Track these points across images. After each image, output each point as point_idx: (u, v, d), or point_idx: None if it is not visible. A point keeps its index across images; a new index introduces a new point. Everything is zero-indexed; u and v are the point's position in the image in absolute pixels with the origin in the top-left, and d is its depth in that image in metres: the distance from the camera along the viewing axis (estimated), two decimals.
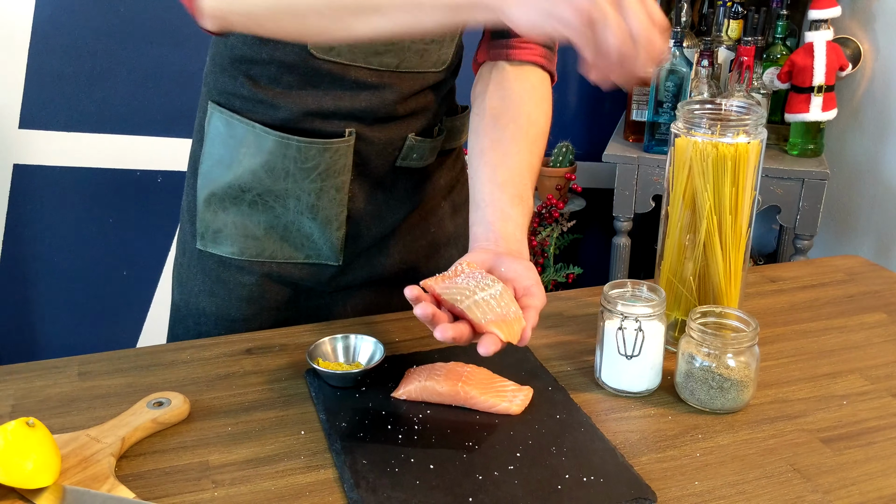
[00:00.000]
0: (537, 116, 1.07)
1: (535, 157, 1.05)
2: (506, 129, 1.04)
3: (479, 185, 1.01)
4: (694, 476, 0.79)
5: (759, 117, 0.95)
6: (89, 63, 2.33)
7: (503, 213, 0.97)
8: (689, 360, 0.90)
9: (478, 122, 1.07)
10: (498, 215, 0.97)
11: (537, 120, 1.07)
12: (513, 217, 0.97)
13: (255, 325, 1.14)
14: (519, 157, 1.02)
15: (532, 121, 1.06)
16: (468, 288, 0.84)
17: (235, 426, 0.86)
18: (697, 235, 0.97)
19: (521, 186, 1.00)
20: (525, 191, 1.01)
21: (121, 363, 0.99)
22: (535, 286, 0.88)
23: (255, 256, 1.12)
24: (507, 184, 1.00)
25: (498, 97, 1.07)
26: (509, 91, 1.07)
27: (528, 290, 0.87)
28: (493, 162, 1.02)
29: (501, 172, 1.00)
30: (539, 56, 1.09)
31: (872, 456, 0.82)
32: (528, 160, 1.03)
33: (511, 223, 0.97)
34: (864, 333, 1.08)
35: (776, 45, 2.37)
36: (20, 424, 0.73)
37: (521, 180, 1.01)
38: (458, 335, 0.80)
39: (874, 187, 2.41)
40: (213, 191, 1.11)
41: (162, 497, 0.76)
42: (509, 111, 1.05)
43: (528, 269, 0.89)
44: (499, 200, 0.98)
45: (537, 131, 1.06)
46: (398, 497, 0.74)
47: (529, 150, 1.04)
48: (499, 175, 1.00)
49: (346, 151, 1.07)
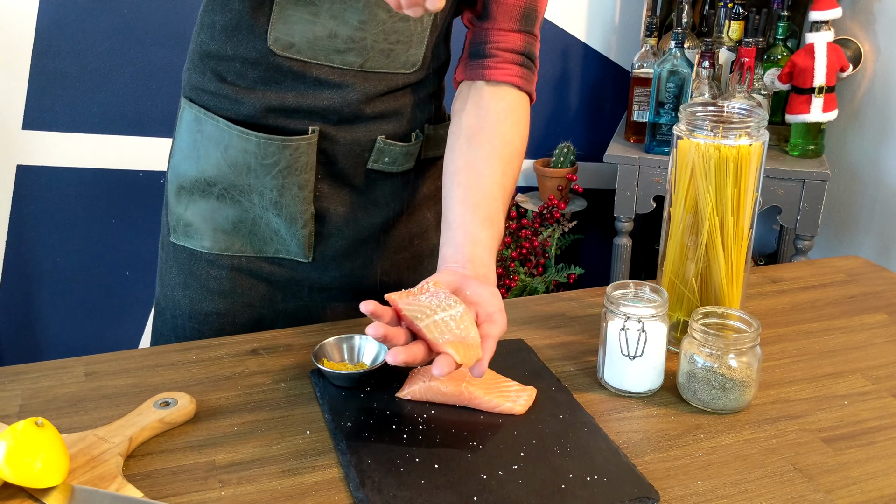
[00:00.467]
0: (512, 137, 1.07)
1: (509, 178, 1.05)
2: (480, 148, 1.04)
3: (452, 205, 1.02)
4: (696, 475, 0.80)
5: (760, 119, 0.96)
6: (93, 64, 2.33)
7: (473, 236, 0.98)
8: (691, 360, 0.90)
9: (453, 140, 1.07)
10: (468, 238, 0.98)
11: (512, 140, 1.07)
12: (482, 241, 0.98)
13: (228, 321, 1.15)
14: (492, 179, 1.03)
15: (507, 141, 1.06)
16: (430, 307, 0.85)
17: (241, 426, 0.87)
18: (699, 237, 0.97)
19: (492, 209, 1.01)
20: (496, 214, 1.01)
21: (127, 363, 0.99)
22: (498, 313, 0.88)
23: (224, 250, 1.13)
24: (478, 206, 1.00)
25: (474, 115, 1.07)
26: (486, 111, 1.07)
27: (490, 316, 0.88)
28: (465, 183, 1.02)
29: (473, 194, 1.01)
30: (515, 76, 1.09)
31: (874, 455, 0.83)
32: (501, 182, 1.03)
33: (480, 247, 0.97)
34: (865, 334, 1.09)
35: (777, 47, 2.38)
36: (29, 424, 0.74)
37: (493, 203, 1.01)
38: (412, 358, 0.81)
39: (875, 188, 2.42)
40: (182, 184, 1.12)
41: (169, 496, 0.76)
42: (484, 131, 1.05)
43: (493, 296, 0.90)
44: (469, 223, 0.99)
45: (512, 151, 1.06)
46: (403, 496, 0.75)
47: (503, 171, 1.04)
48: (470, 197, 1.01)
49: (307, 149, 1.07)
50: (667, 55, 2.26)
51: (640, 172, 2.33)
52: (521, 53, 1.10)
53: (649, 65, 2.39)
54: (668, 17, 2.58)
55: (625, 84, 2.76)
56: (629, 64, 2.69)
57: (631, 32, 2.75)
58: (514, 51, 1.09)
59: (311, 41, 1.02)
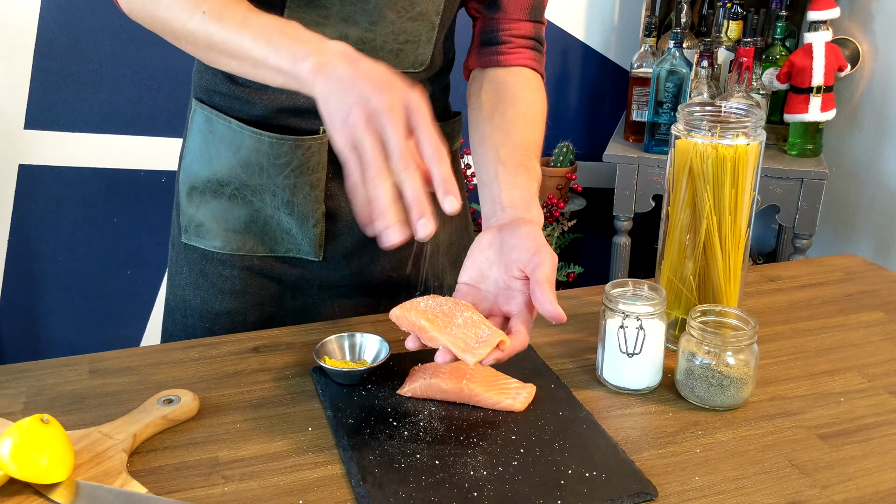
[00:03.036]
0: (534, 101, 1.09)
1: (537, 134, 1.06)
2: (504, 114, 1.06)
3: (483, 167, 1.03)
4: (694, 472, 0.80)
5: (758, 119, 0.97)
6: (94, 64, 2.34)
7: (508, 182, 0.99)
8: (689, 357, 0.91)
9: (476, 115, 1.09)
10: (504, 186, 0.99)
11: (534, 104, 1.09)
12: (518, 184, 0.99)
13: (239, 320, 1.16)
14: (520, 135, 1.04)
15: (529, 104, 1.08)
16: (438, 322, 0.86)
17: (244, 423, 0.88)
18: (697, 236, 0.98)
19: (524, 158, 1.02)
20: (529, 161, 1.02)
21: (130, 361, 1.00)
22: (536, 255, 0.88)
23: (236, 250, 1.14)
24: (509, 158, 1.01)
25: (492, 91, 1.09)
26: (503, 84, 1.10)
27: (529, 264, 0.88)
28: (495, 144, 1.03)
29: (503, 151, 1.02)
30: (529, 59, 1.12)
31: (869, 452, 0.84)
32: (530, 136, 1.05)
33: (517, 190, 0.98)
34: (862, 332, 1.09)
35: (775, 46, 2.39)
36: (35, 421, 0.75)
37: (524, 153, 1.02)
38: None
39: (873, 187, 2.43)
40: (194, 185, 1.13)
41: (173, 492, 0.77)
42: (505, 100, 1.08)
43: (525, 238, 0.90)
44: (502, 174, 1.00)
45: (535, 113, 1.08)
46: (405, 492, 0.76)
47: (530, 128, 1.05)
48: (501, 154, 1.02)
49: (319, 149, 1.08)
50: (665, 55, 2.26)
51: (639, 172, 2.34)
52: (532, 38, 1.13)
53: (648, 64, 2.40)
54: (667, 16, 2.59)
55: (624, 83, 2.77)
56: (628, 63, 2.69)
57: (630, 32, 2.76)
58: (525, 37, 1.12)
59: None
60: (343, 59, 0.79)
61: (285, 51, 0.81)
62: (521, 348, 0.86)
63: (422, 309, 0.87)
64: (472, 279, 0.95)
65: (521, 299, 0.90)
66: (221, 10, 0.87)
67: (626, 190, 2.37)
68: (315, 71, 0.79)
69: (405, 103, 0.75)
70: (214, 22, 0.86)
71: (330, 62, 0.79)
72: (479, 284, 0.94)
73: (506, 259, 0.91)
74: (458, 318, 0.86)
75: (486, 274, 0.94)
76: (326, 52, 0.80)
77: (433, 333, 0.83)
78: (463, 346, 0.82)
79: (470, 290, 0.94)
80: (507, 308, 0.91)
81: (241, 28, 0.85)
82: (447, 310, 0.87)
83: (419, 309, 0.87)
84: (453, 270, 1.25)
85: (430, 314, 0.85)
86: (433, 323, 0.84)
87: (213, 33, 0.87)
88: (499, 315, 0.92)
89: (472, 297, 0.93)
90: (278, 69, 0.82)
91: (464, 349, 0.82)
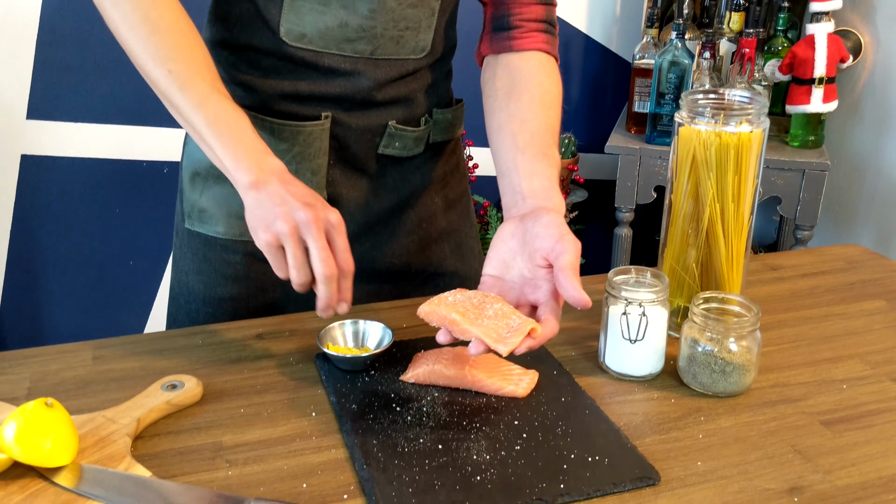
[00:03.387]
0: (549, 86, 1.09)
1: (553, 119, 1.06)
2: (519, 100, 1.06)
3: (501, 155, 1.03)
4: (697, 457, 0.81)
5: (761, 107, 0.97)
6: (97, 54, 2.34)
7: (527, 171, 0.99)
8: (691, 344, 0.91)
9: (491, 102, 1.09)
10: (523, 175, 0.99)
11: (550, 89, 1.08)
12: (538, 172, 0.99)
13: (242, 305, 1.16)
14: (537, 122, 1.04)
15: (545, 89, 1.08)
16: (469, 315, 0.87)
17: (248, 408, 0.88)
18: (700, 223, 0.98)
19: (542, 145, 1.02)
20: (547, 148, 1.02)
21: (134, 347, 1.00)
22: (559, 243, 0.89)
23: (239, 236, 1.14)
24: (527, 146, 1.01)
25: (506, 77, 1.09)
26: (517, 69, 1.09)
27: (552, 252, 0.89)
28: (512, 131, 1.03)
29: (521, 139, 1.02)
30: (542, 43, 1.11)
31: (872, 438, 0.84)
32: (547, 122, 1.05)
33: (537, 178, 0.99)
34: (864, 320, 1.10)
35: (777, 38, 2.38)
36: (39, 405, 0.75)
37: (542, 139, 1.02)
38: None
39: (874, 179, 2.43)
40: (197, 170, 1.13)
41: (177, 475, 0.77)
42: (520, 85, 1.07)
43: (548, 226, 0.91)
44: (521, 163, 1.00)
45: (551, 98, 1.08)
46: (408, 475, 0.76)
47: (546, 113, 1.05)
48: (519, 141, 1.02)
49: (320, 135, 1.08)
50: (668, 46, 2.26)
51: (641, 163, 2.34)
52: (544, 21, 1.12)
53: (650, 56, 2.40)
54: (669, 7, 2.59)
55: (626, 75, 2.77)
56: (630, 55, 2.69)
57: (632, 23, 2.76)
58: (537, 20, 1.12)
59: (323, 31, 1.03)
60: (278, 178, 0.90)
61: (231, 151, 0.91)
62: (552, 335, 0.87)
63: (451, 303, 0.87)
64: (497, 270, 0.95)
65: (547, 288, 0.90)
66: (187, 79, 0.94)
67: (627, 181, 2.37)
68: (250, 186, 0.90)
69: (327, 219, 0.88)
70: (176, 86, 0.93)
71: (265, 180, 0.90)
72: (503, 275, 0.95)
73: (529, 248, 0.92)
74: (488, 309, 0.86)
75: (510, 264, 0.94)
76: (266, 169, 0.91)
77: (465, 326, 0.84)
78: (495, 336, 0.83)
79: (495, 281, 0.95)
80: (534, 297, 0.92)
81: (199, 107, 0.93)
82: (477, 302, 0.88)
83: (449, 303, 0.87)
84: (454, 257, 1.25)
85: (460, 307, 0.86)
86: (464, 316, 0.85)
87: (171, 95, 0.94)
88: (526, 305, 0.92)
89: (498, 289, 0.94)
90: (219, 161, 0.92)
91: (496, 339, 0.83)
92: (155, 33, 0.94)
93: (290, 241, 0.86)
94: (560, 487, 0.75)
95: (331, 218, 0.88)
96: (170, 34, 0.95)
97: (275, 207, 0.87)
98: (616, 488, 0.75)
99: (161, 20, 0.95)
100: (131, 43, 0.95)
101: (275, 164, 0.92)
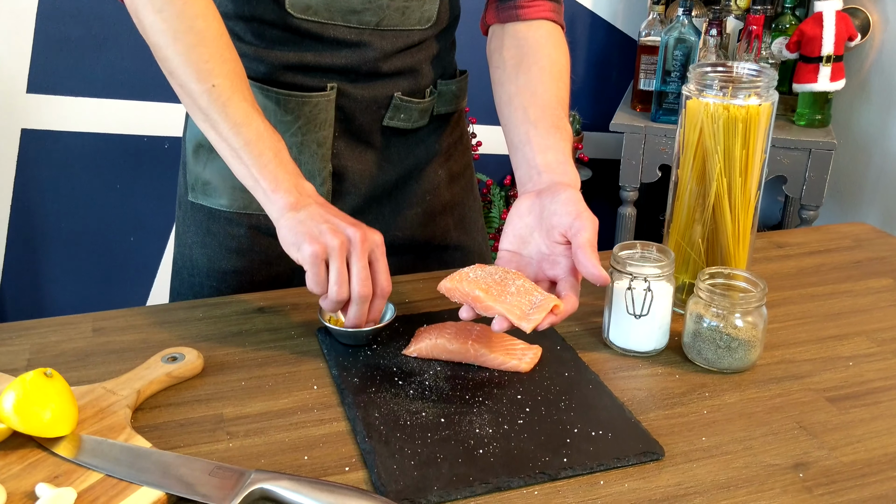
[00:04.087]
0: (557, 56, 1.08)
1: (563, 90, 1.06)
2: (529, 71, 1.05)
3: (513, 128, 1.03)
4: (701, 432, 0.80)
5: (770, 80, 0.95)
6: (97, 27, 2.32)
7: (541, 146, 0.99)
8: (697, 320, 0.91)
9: (499, 73, 1.08)
10: (537, 149, 0.98)
11: (558, 59, 1.08)
12: (552, 146, 0.99)
13: (246, 279, 1.15)
14: (548, 94, 1.03)
15: (553, 60, 1.07)
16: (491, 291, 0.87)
17: (249, 381, 0.88)
18: (707, 198, 0.97)
19: (554, 118, 1.01)
20: (559, 121, 1.01)
21: (134, 320, 1.00)
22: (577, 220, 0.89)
23: (242, 209, 1.13)
24: (539, 120, 1.01)
25: (514, 47, 1.08)
26: (524, 40, 1.08)
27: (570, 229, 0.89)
28: (522, 104, 1.03)
29: (532, 112, 1.01)
30: (549, 11, 1.11)
31: (878, 415, 0.83)
32: (557, 94, 1.04)
33: (551, 152, 0.98)
34: (870, 298, 1.09)
35: (785, 15, 2.36)
36: (38, 375, 0.75)
37: (554, 112, 1.02)
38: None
39: (881, 158, 2.41)
40: (201, 142, 1.12)
41: (178, 447, 0.77)
42: (528, 56, 1.07)
43: (566, 203, 0.90)
44: (534, 136, 1.00)
45: (560, 69, 1.07)
46: (410, 448, 0.75)
47: (556, 85, 1.05)
48: (530, 114, 1.01)
49: (326, 106, 1.07)
50: (674, 23, 2.24)
51: (646, 141, 2.32)
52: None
53: (656, 33, 2.38)
54: None
55: (631, 52, 2.75)
56: (636, 32, 2.67)
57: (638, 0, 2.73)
58: None
59: (328, 2, 1.02)
60: (316, 201, 0.91)
61: (271, 173, 0.91)
62: (573, 311, 0.87)
63: (473, 279, 0.87)
64: (514, 246, 0.95)
65: (566, 264, 0.90)
66: (229, 96, 0.92)
67: (632, 160, 2.35)
68: (290, 207, 0.89)
69: (373, 240, 0.88)
70: (219, 103, 0.91)
71: (304, 203, 0.90)
72: (521, 251, 0.95)
73: (546, 225, 0.92)
74: (510, 286, 0.86)
75: (527, 240, 0.94)
76: (304, 193, 0.91)
77: (489, 303, 0.84)
78: (519, 313, 0.83)
79: (512, 256, 0.94)
80: (553, 273, 0.92)
81: (240, 125, 0.91)
82: (498, 279, 0.87)
83: (471, 279, 0.87)
84: (458, 230, 1.24)
85: (482, 284, 0.86)
86: (488, 293, 0.84)
87: (212, 111, 0.92)
88: (545, 280, 0.92)
89: (515, 264, 0.94)
90: (255, 180, 0.91)
91: (520, 317, 0.83)
92: (200, 45, 0.92)
93: (338, 255, 0.86)
94: (563, 461, 0.74)
95: (376, 239, 0.89)
96: (215, 47, 0.93)
97: (320, 224, 0.87)
98: (620, 463, 0.75)
99: (207, 31, 0.93)
100: (171, 52, 0.93)
101: (311, 188, 0.93)
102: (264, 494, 0.69)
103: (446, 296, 0.88)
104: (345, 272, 0.86)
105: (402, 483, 0.71)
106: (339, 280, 0.86)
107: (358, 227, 0.88)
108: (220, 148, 0.93)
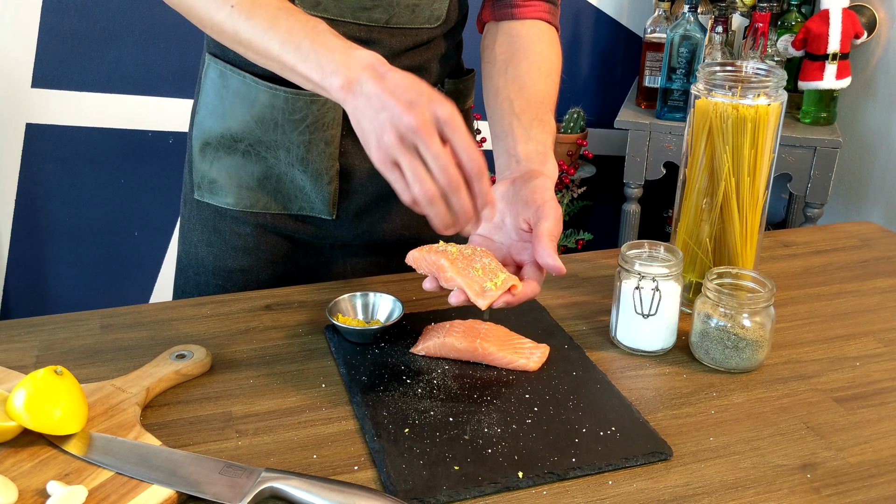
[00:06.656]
0: (548, 54, 1.08)
1: (551, 87, 1.06)
2: (518, 67, 1.06)
3: (498, 119, 1.03)
4: (709, 432, 0.80)
5: (779, 80, 0.95)
6: (102, 22, 2.32)
7: (523, 136, 0.99)
8: (704, 319, 0.91)
9: (489, 68, 1.09)
10: (519, 139, 0.99)
11: (549, 57, 1.08)
12: (533, 136, 0.99)
13: (252, 277, 1.16)
14: (535, 88, 1.04)
15: (544, 57, 1.07)
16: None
17: (257, 378, 0.88)
18: (715, 198, 0.97)
19: (539, 111, 1.02)
20: (544, 115, 1.02)
21: (142, 317, 1.00)
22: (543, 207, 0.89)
23: (249, 207, 1.13)
24: (524, 112, 1.01)
25: (506, 44, 1.09)
26: (517, 37, 1.09)
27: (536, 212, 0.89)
28: (509, 97, 1.03)
29: (518, 104, 1.02)
30: (544, 12, 1.11)
31: (885, 415, 0.84)
32: (545, 90, 1.04)
33: (532, 143, 0.99)
34: (877, 297, 1.09)
35: (791, 12, 2.35)
36: (48, 372, 0.75)
37: (539, 106, 1.02)
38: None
39: (886, 157, 2.41)
40: (208, 140, 1.12)
41: (187, 445, 0.77)
42: (519, 52, 1.07)
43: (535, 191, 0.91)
44: (517, 127, 1.00)
45: (550, 66, 1.07)
46: (419, 447, 0.75)
47: (544, 81, 1.05)
48: (516, 107, 1.02)
49: (334, 105, 1.07)
50: (680, 20, 2.24)
51: (651, 138, 2.32)
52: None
53: (662, 29, 2.37)
54: None
55: (636, 49, 2.74)
56: (641, 28, 2.66)
57: None
58: None
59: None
60: (370, 73, 0.79)
61: (313, 61, 0.82)
62: (533, 295, 0.87)
63: (441, 251, 0.87)
64: (486, 230, 0.95)
65: (532, 250, 0.91)
66: (251, 7, 0.87)
67: (637, 157, 2.35)
68: (344, 89, 0.80)
69: (435, 116, 0.76)
70: (243, 19, 0.87)
71: (357, 78, 0.79)
72: (492, 235, 0.95)
73: (515, 210, 0.93)
74: (476, 262, 0.86)
75: (499, 226, 0.95)
76: (354, 66, 0.80)
77: (451, 274, 0.84)
78: (478, 289, 0.83)
79: (483, 240, 0.95)
80: (521, 258, 0.93)
81: (270, 29, 0.85)
82: (468, 254, 0.88)
83: (439, 251, 0.87)
84: None
85: (449, 255, 0.86)
86: (453, 263, 0.85)
87: (240, 30, 0.87)
88: (512, 265, 0.93)
89: (486, 249, 0.93)
90: (307, 78, 0.83)
91: (478, 293, 0.83)
92: None
93: (402, 153, 0.75)
94: (572, 461, 0.74)
95: (439, 114, 0.76)
96: None
97: (377, 115, 0.76)
98: (628, 462, 0.75)
99: None
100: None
101: (363, 56, 0.81)
102: (274, 493, 0.69)
103: (412, 265, 0.88)
104: (418, 167, 0.75)
105: (412, 482, 0.71)
106: (415, 177, 0.75)
107: (411, 110, 0.75)
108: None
